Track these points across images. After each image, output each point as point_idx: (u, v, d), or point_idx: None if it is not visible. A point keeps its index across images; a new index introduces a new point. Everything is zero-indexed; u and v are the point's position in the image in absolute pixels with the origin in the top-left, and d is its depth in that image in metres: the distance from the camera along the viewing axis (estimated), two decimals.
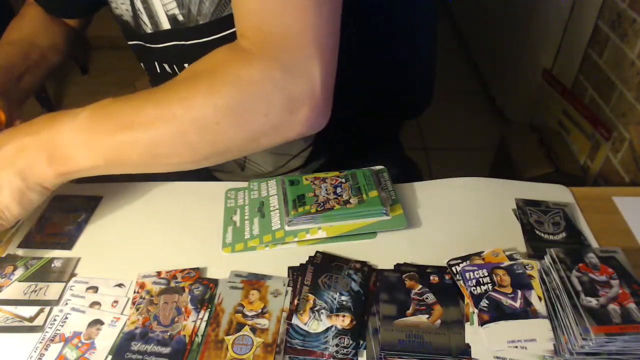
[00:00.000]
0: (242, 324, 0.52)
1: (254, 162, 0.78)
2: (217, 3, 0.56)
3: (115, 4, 0.65)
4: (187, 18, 0.59)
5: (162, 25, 0.62)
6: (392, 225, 0.62)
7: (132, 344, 0.51)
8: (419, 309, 0.53)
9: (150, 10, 0.61)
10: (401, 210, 0.64)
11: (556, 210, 0.65)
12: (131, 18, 0.64)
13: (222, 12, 0.57)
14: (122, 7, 0.64)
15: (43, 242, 0.63)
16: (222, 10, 0.57)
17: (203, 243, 0.62)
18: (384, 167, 0.71)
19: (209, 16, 0.58)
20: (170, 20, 0.60)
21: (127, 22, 0.66)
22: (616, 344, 0.46)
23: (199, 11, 0.58)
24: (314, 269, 0.57)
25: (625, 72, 1.25)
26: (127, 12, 0.64)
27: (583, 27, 1.45)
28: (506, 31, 2.01)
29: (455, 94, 2.20)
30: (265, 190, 0.68)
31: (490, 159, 1.73)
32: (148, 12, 0.61)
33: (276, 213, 0.64)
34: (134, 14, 0.63)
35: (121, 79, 2.21)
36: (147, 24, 0.62)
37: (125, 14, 0.65)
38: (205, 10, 0.58)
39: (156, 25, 0.62)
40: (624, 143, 1.26)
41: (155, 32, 0.63)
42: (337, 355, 0.50)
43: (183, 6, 0.58)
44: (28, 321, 0.54)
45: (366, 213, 0.62)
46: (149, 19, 0.62)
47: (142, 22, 0.63)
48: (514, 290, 0.52)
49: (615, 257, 0.53)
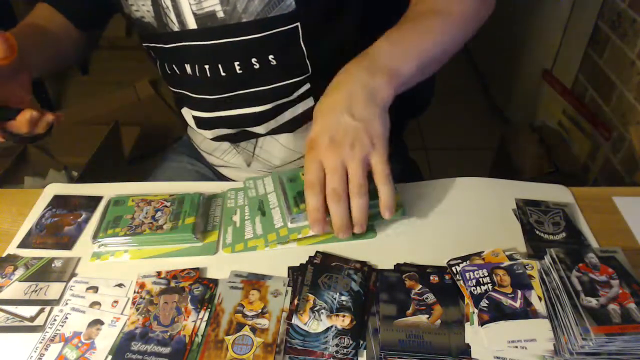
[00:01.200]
0: (242, 324, 0.52)
1: (261, 158, 0.78)
2: (266, 2, 0.58)
3: (137, 6, 0.65)
4: (230, 15, 0.60)
5: (188, 24, 0.63)
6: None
7: (132, 344, 0.51)
8: (419, 309, 0.53)
9: (178, 8, 0.62)
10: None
11: (556, 210, 0.65)
12: (153, 18, 0.65)
13: (270, 12, 0.58)
14: (143, 9, 0.65)
15: (43, 242, 0.63)
16: (270, 10, 0.58)
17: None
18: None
19: (254, 14, 0.59)
20: (201, 18, 0.61)
21: (148, 24, 0.66)
22: (616, 344, 0.46)
23: (245, 8, 0.59)
24: (314, 269, 0.57)
25: (625, 72, 1.25)
26: (148, 13, 0.65)
27: (583, 27, 1.45)
28: (506, 31, 2.01)
29: (455, 94, 2.20)
30: (262, 188, 0.68)
31: (490, 159, 1.73)
32: (175, 10, 0.62)
33: (277, 211, 0.64)
34: (157, 14, 0.64)
35: (121, 79, 2.21)
36: (174, 22, 0.63)
37: (146, 15, 0.66)
38: (252, 8, 0.59)
39: (182, 24, 0.63)
40: (624, 143, 1.26)
41: (181, 31, 0.64)
42: (337, 355, 0.50)
43: (227, 3, 0.59)
44: (28, 321, 0.54)
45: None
46: (176, 17, 0.63)
47: (168, 20, 0.64)
48: (514, 290, 0.52)
49: (615, 257, 0.53)
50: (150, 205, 0.65)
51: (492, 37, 2.13)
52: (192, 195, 0.66)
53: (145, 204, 0.65)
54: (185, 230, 0.61)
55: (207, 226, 0.65)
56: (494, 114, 2.13)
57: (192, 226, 0.62)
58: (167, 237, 0.61)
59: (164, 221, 0.63)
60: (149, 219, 0.63)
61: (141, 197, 0.67)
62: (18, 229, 0.65)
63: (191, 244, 0.62)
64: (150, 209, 0.65)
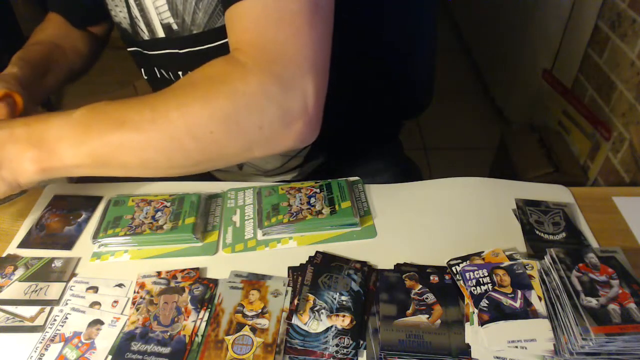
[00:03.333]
0: (242, 324, 0.52)
1: (251, 162, 0.78)
2: (210, 14, 0.57)
3: (114, 12, 0.66)
4: (182, 27, 0.60)
5: (157, 33, 0.63)
6: (362, 236, 0.63)
7: (132, 344, 0.51)
8: (419, 309, 0.53)
9: (147, 18, 0.61)
10: (372, 221, 0.64)
11: (556, 210, 0.65)
12: (129, 25, 0.66)
13: (215, 23, 0.58)
14: (120, 15, 0.66)
15: (43, 242, 0.63)
16: (215, 21, 0.58)
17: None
18: (359, 178, 0.71)
19: (202, 26, 0.59)
20: (165, 29, 0.61)
21: (125, 30, 0.67)
22: (616, 344, 0.46)
23: (193, 21, 0.58)
24: (314, 269, 0.57)
25: (625, 72, 1.25)
26: (124, 19, 0.66)
27: (583, 27, 1.45)
28: (506, 31, 2.01)
29: (455, 94, 2.20)
30: (241, 200, 0.68)
31: (490, 159, 1.73)
32: (145, 19, 0.62)
33: (250, 222, 0.65)
34: (131, 21, 0.64)
35: (121, 79, 2.21)
36: (145, 32, 0.64)
37: (123, 22, 0.67)
38: (198, 21, 0.58)
39: (152, 33, 0.63)
40: (624, 143, 1.26)
41: (151, 40, 0.64)
42: (337, 355, 0.50)
43: (177, 16, 0.59)
44: (28, 321, 0.54)
45: (337, 224, 0.62)
46: (145, 26, 0.63)
47: (139, 29, 0.64)
48: (514, 290, 0.52)
49: (615, 257, 0.53)
50: (150, 205, 0.65)
51: (492, 37, 2.13)
52: (192, 196, 0.66)
53: (145, 204, 0.65)
54: (185, 230, 0.61)
55: (207, 226, 0.65)
56: (494, 114, 2.13)
57: (192, 226, 0.62)
58: (167, 237, 0.61)
59: (164, 221, 0.63)
60: (149, 219, 0.63)
61: (141, 198, 0.67)
62: (18, 229, 0.65)
63: (191, 244, 0.62)
64: (150, 209, 0.65)
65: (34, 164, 0.51)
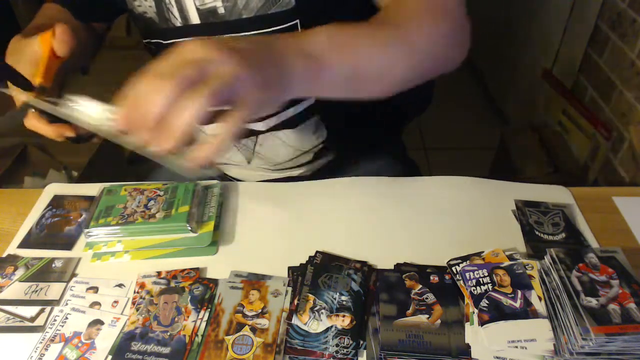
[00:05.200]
0: (242, 324, 0.52)
1: (262, 155, 0.78)
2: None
3: (139, 2, 0.66)
4: (230, 11, 0.60)
5: (191, 19, 0.63)
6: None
7: (132, 344, 0.51)
8: (419, 309, 0.53)
9: (181, 3, 0.62)
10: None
11: (555, 211, 0.65)
12: (155, 14, 0.65)
13: (269, 9, 0.58)
14: (145, 4, 0.65)
15: (43, 242, 0.63)
16: (270, 6, 0.58)
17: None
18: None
19: (254, 11, 0.59)
20: (204, 13, 0.61)
21: (150, 19, 0.67)
22: (616, 344, 0.46)
23: (246, 5, 0.59)
24: (314, 269, 0.57)
25: (625, 72, 1.25)
26: (150, 8, 0.65)
27: (583, 27, 1.45)
28: (506, 31, 2.01)
29: (455, 94, 2.20)
30: None
31: (490, 159, 1.73)
32: (178, 5, 0.62)
33: None
34: (160, 8, 0.64)
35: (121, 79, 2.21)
36: (177, 18, 0.63)
37: (149, 11, 0.66)
38: (252, 5, 0.59)
39: (185, 19, 0.63)
40: (624, 143, 1.26)
41: (184, 26, 0.64)
42: (337, 355, 0.50)
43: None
44: (29, 321, 0.54)
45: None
46: (179, 12, 0.63)
47: (171, 15, 0.64)
48: (514, 290, 0.52)
49: (615, 257, 0.53)
50: (143, 194, 0.64)
51: (492, 37, 2.13)
52: (187, 184, 0.65)
53: (138, 193, 0.64)
54: (178, 219, 0.60)
55: (202, 216, 0.63)
56: (494, 114, 2.13)
57: (186, 215, 0.60)
58: (159, 226, 0.60)
59: (156, 210, 0.61)
60: (141, 208, 0.62)
61: (134, 186, 0.65)
62: (18, 229, 0.66)
63: (185, 234, 0.60)
64: (143, 198, 0.63)
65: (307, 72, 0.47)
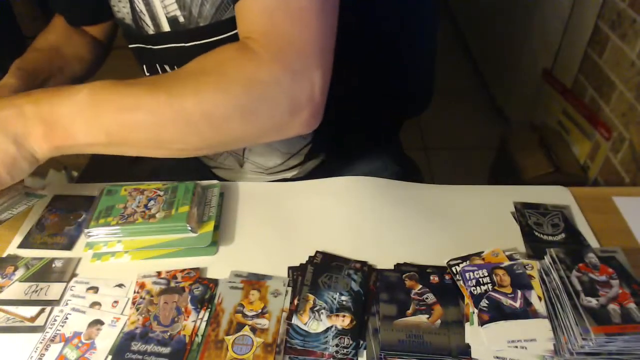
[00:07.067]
0: (242, 324, 0.52)
1: (252, 160, 0.78)
2: (217, 6, 0.57)
3: (117, 8, 0.66)
4: (188, 20, 0.60)
5: (163, 27, 0.63)
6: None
7: (132, 344, 0.51)
8: (419, 309, 0.53)
9: (152, 11, 0.61)
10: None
11: (555, 212, 0.65)
12: (132, 21, 0.65)
13: (222, 15, 0.58)
14: (123, 11, 0.66)
15: (43, 242, 0.63)
16: (222, 13, 0.58)
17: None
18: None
19: (209, 18, 0.59)
20: (170, 22, 0.61)
21: (128, 25, 0.67)
22: (616, 344, 0.46)
23: (200, 13, 0.59)
24: (314, 269, 0.57)
25: (625, 72, 1.25)
26: (127, 15, 0.65)
27: (583, 27, 1.45)
28: (506, 31, 2.01)
29: (455, 94, 2.20)
30: None
31: (490, 159, 1.73)
32: (150, 13, 0.62)
33: None
34: (135, 16, 0.64)
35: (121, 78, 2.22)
36: (150, 26, 0.63)
37: (126, 17, 0.66)
38: (205, 13, 0.59)
39: (158, 27, 0.63)
40: (624, 143, 1.26)
41: (156, 34, 0.64)
42: (337, 355, 0.50)
43: (184, 8, 0.59)
44: (29, 321, 0.54)
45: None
46: (150, 20, 0.63)
47: (144, 23, 0.64)
48: (514, 290, 0.52)
49: (615, 257, 0.53)
50: (143, 194, 0.64)
51: (492, 37, 2.13)
52: (187, 184, 0.65)
53: (138, 193, 0.64)
54: (178, 219, 0.60)
55: (202, 217, 0.63)
56: (494, 114, 2.13)
57: (186, 215, 0.60)
58: (159, 226, 0.60)
59: (156, 210, 0.61)
60: (141, 208, 0.62)
61: (134, 187, 0.65)
62: (18, 229, 0.65)
63: (185, 234, 0.60)
64: (143, 198, 0.63)
65: (48, 141, 0.51)
